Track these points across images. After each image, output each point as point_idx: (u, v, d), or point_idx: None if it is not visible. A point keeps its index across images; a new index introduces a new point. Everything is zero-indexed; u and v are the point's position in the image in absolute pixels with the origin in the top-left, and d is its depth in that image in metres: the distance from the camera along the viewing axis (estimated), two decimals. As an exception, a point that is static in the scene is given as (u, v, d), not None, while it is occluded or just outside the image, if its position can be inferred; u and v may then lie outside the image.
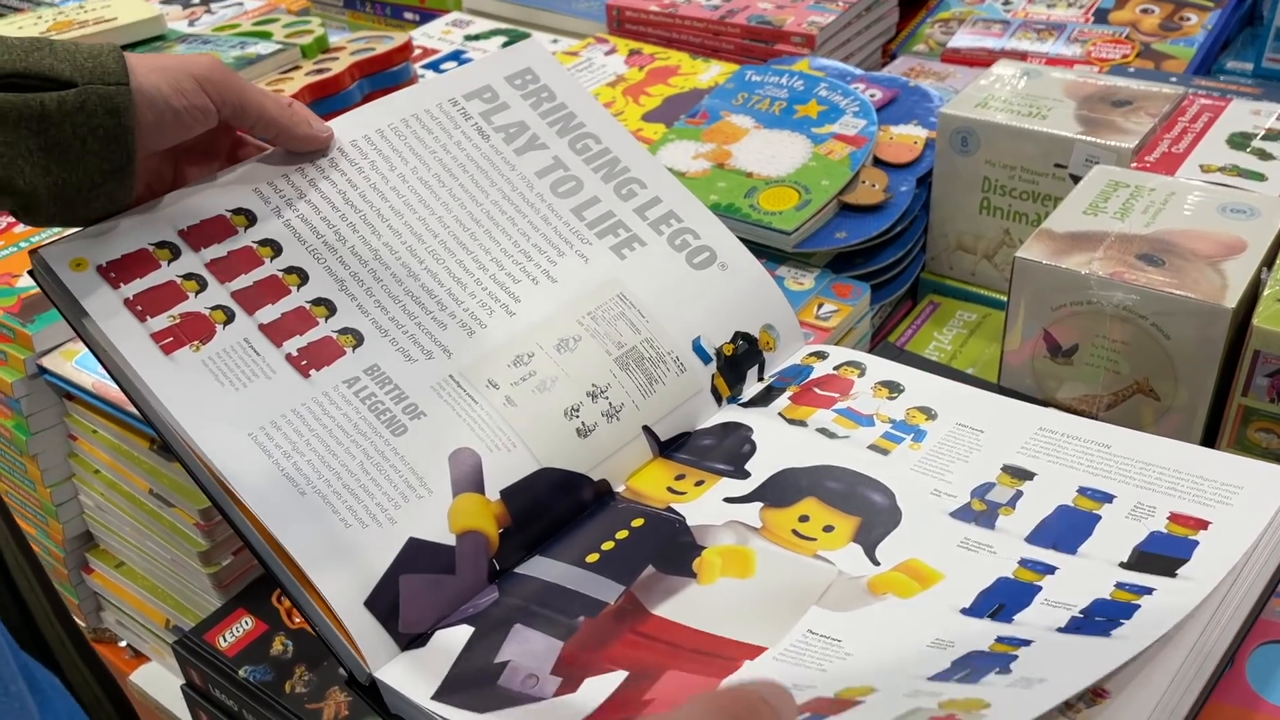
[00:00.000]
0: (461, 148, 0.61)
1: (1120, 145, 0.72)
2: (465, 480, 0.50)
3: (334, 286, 0.54)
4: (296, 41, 0.96)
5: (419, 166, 0.60)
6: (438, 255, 0.57)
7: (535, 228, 0.60)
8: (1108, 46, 0.99)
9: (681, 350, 0.58)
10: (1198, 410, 0.61)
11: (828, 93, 0.89)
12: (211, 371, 0.49)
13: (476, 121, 0.62)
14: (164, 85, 0.51)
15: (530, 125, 0.64)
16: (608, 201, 0.63)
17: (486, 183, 0.60)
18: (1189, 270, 0.61)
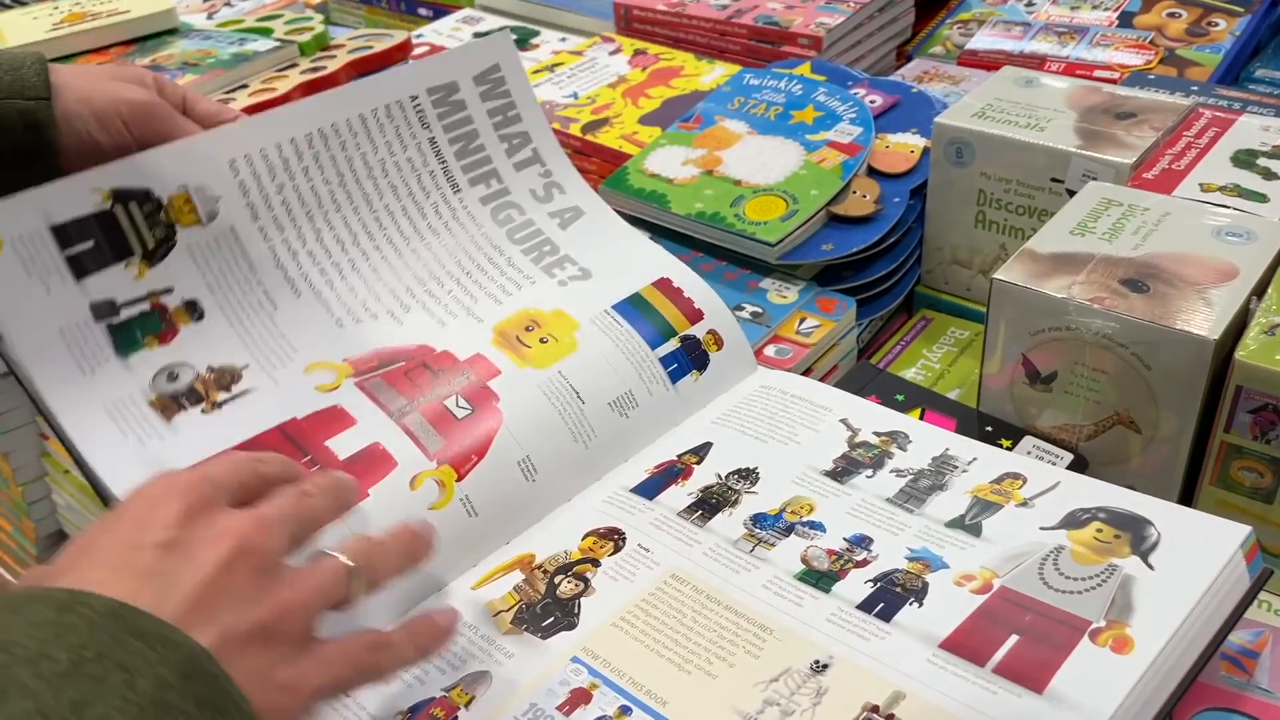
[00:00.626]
0: (412, 165, 0.60)
1: (1118, 160, 0.69)
2: None
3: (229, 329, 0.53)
4: (295, 39, 0.95)
5: (364, 181, 0.59)
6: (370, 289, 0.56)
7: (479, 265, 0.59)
8: (1129, 52, 0.95)
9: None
10: (1181, 444, 0.58)
11: (825, 98, 0.86)
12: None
13: (433, 132, 0.61)
14: (90, 118, 0.51)
15: (484, 139, 0.62)
16: (550, 234, 0.62)
17: (429, 208, 0.59)
18: (1174, 298, 0.57)
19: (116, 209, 0.53)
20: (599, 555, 0.50)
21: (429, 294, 0.57)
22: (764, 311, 0.72)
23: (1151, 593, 0.43)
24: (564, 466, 0.53)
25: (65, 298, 0.51)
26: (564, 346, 0.56)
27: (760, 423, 0.57)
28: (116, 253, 0.52)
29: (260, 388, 0.51)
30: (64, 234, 0.51)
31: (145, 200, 0.54)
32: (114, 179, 0.53)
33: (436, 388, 0.53)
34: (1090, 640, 0.41)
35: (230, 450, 0.48)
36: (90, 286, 0.51)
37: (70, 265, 0.51)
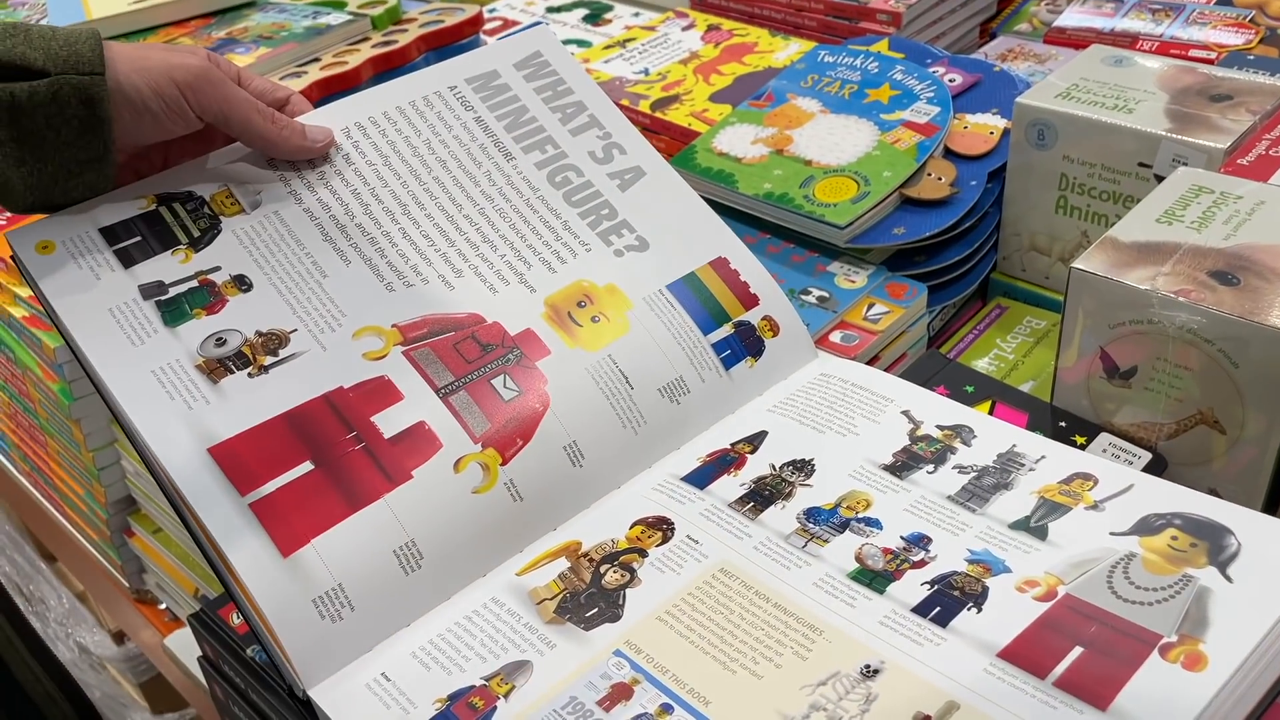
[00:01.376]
0: (460, 141, 0.59)
1: (1211, 145, 0.65)
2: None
3: (278, 296, 0.53)
4: (368, 12, 0.95)
5: (409, 159, 0.58)
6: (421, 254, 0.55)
7: (534, 229, 0.58)
8: (1228, 31, 0.90)
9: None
10: (1269, 447, 0.55)
11: (903, 76, 0.83)
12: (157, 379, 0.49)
13: (478, 112, 0.60)
14: (144, 86, 0.50)
15: (534, 112, 0.61)
16: (610, 196, 0.60)
17: (482, 176, 0.58)
18: (1266, 292, 0.54)
19: (161, 209, 0.54)
20: (646, 545, 0.48)
21: (482, 259, 0.56)
22: (831, 296, 0.70)
23: (1229, 607, 0.40)
24: (612, 452, 0.52)
25: (114, 282, 0.52)
26: (615, 327, 0.55)
27: (818, 412, 0.56)
28: (163, 244, 0.53)
29: (309, 352, 0.51)
30: (112, 233, 0.53)
31: (188, 200, 0.55)
32: (156, 187, 0.55)
33: (485, 364, 0.52)
34: (1160, 656, 0.39)
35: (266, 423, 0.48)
36: (139, 273, 0.52)
37: (119, 257, 0.53)
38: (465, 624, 0.46)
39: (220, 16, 1.02)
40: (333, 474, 0.47)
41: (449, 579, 0.47)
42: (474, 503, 0.48)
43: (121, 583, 0.81)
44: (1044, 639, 0.41)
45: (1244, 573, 0.42)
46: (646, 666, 0.43)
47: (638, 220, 0.60)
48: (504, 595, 0.47)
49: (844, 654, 0.42)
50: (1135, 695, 0.38)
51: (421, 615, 0.46)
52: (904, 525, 0.48)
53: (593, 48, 1.01)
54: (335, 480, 0.47)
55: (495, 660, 0.44)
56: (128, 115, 0.50)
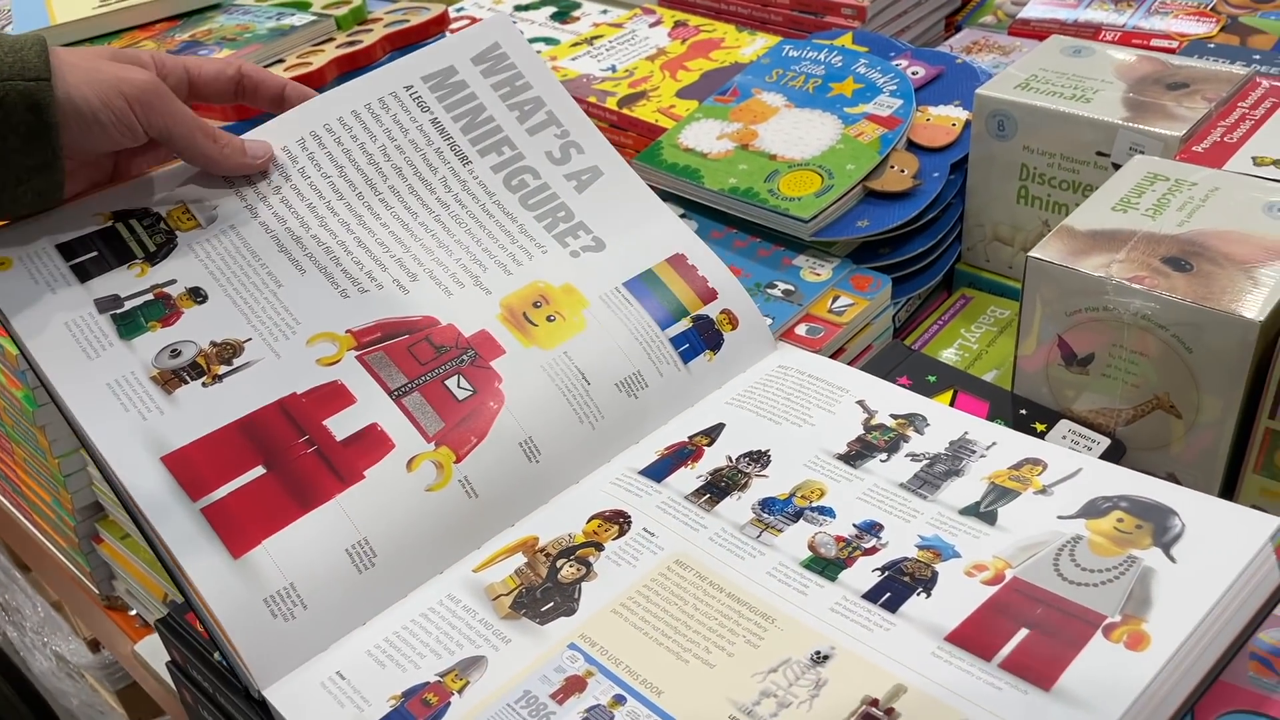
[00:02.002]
0: (416, 145, 0.59)
1: (1167, 133, 0.65)
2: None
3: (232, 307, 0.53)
4: (333, 13, 0.95)
5: (364, 167, 0.58)
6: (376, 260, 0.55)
7: (490, 233, 0.58)
8: (1189, 20, 0.91)
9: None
10: (1224, 431, 0.55)
11: (866, 70, 0.84)
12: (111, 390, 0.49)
13: (434, 113, 0.60)
14: (93, 97, 0.50)
15: (491, 110, 0.61)
16: (566, 199, 0.60)
17: (438, 182, 0.58)
18: (1218, 277, 0.54)
19: (118, 225, 0.54)
20: (603, 539, 0.49)
21: (437, 262, 0.56)
22: (796, 289, 0.70)
23: (1172, 587, 0.41)
24: (570, 448, 0.52)
25: (70, 297, 0.52)
26: (571, 325, 0.55)
27: (775, 404, 0.56)
28: (119, 259, 0.54)
29: (263, 360, 0.51)
30: (69, 249, 0.53)
31: (145, 216, 0.55)
32: (113, 203, 0.55)
33: (438, 366, 0.52)
34: (1104, 636, 0.39)
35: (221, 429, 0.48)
36: (95, 287, 0.53)
37: (75, 271, 0.53)
38: (421, 621, 0.46)
39: (185, 19, 1.02)
40: (284, 477, 0.47)
41: (404, 577, 0.47)
42: (428, 500, 0.48)
43: (92, 590, 0.81)
44: (991, 622, 0.41)
45: (1187, 553, 0.42)
46: (600, 659, 0.43)
47: (594, 221, 0.60)
48: (460, 592, 0.47)
49: (795, 641, 0.42)
50: (1079, 675, 0.38)
51: (377, 613, 0.46)
52: (856, 513, 0.48)
53: (560, 45, 1.01)
54: (286, 483, 0.47)
55: (450, 656, 0.44)
56: (76, 125, 0.50)
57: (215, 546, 0.45)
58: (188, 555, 0.44)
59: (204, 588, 0.44)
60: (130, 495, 0.46)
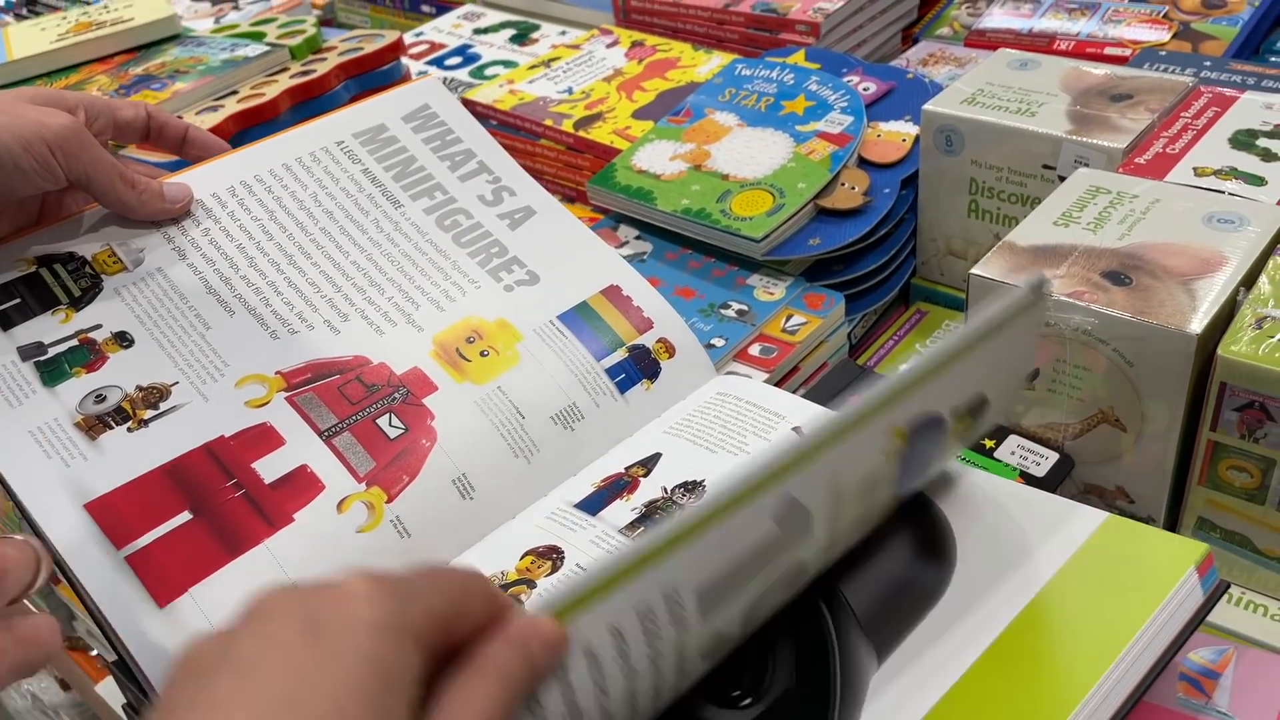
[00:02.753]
0: (347, 191, 0.59)
1: (1110, 145, 0.65)
2: None
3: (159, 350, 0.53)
4: (286, 43, 0.95)
5: (295, 212, 0.58)
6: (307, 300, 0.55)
7: (422, 270, 0.57)
8: (1143, 27, 0.91)
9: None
10: (1169, 443, 0.55)
11: (817, 87, 0.83)
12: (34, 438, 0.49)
13: (365, 164, 0.60)
14: (13, 142, 0.50)
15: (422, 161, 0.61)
16: (500, 235, 0.60)
17: (370, 224, 0.58)
18: (1157, 290, 0.54)
19: (41, 270, 0.54)
20: (535, 576, 0.48)
21: (369, 301, 0.56)
22: (750, 309, 0.70)
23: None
24: (505, 483, 0.52)
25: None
26: (505, 360, 0.55)
27: (712, 432, 0.56)
28: (43, 305, 0.53)
29: (190, 403, 0.50)
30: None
31: (70, 260, 0.55)
32: (37, 248, 0.55)
33: (369, 405, 0.52)
34: None
35: None
36: (18, 334, 0.52)
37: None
38: None
39: (142, 52, 1.02)
40: (211, 522, 0.47)
41: None
42: (359, 541, 0.48)
43: (53, 630, 0.80)
44: None
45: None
46: None
47: (528, 256, 0.60)
48: None
49: None
50: None
51: None
52: None
53: (518, 68, 1.01)
54: (213, 528, 0.47)
55: None
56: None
57: (140, 595, 0.44)
58: (111, 605, 0.44)
59: (128, 638, 0.44)
60: (51, 544, 0.45)
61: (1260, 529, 0.53)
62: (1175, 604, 0.39)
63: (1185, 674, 0.42)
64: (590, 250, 0.62)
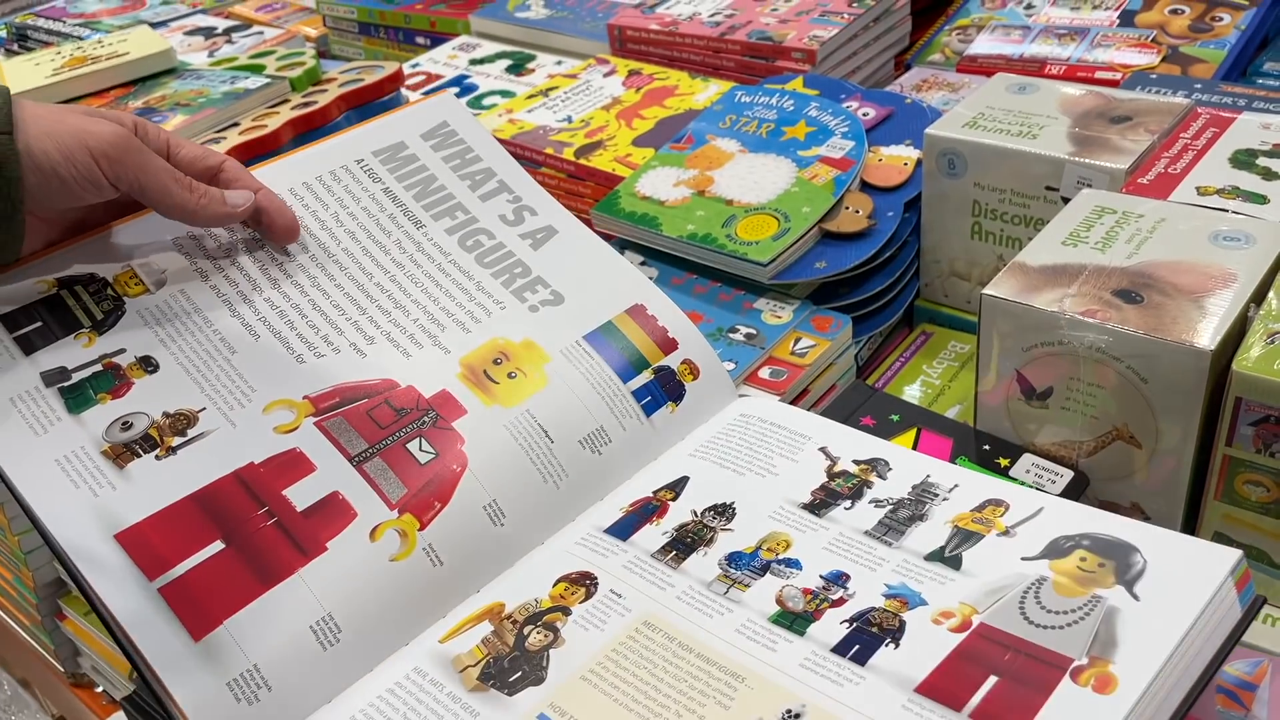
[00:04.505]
0: (368, 212, 0.59)
1: (1113, 166, 0.66)
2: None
3: (185, 376, 0.52)
4: (287, 75, 0.95)
5: (317, 233, 0.58)
6: (332, 323, 0.55)
7: (447, 292, 0.58)
8: (1131, 51, 0.93)
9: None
10: (1184, 458, 0.56)
11: (817, 113, 0.85)
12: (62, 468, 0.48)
13: (385, 183, 0.60)
14: (54, 151, 0.49)
15: (442, 180, 0.62)
16: (522, 255, 0.60)
17: (392, 245, 0.58)
18: (1169, 308, 0.55)
19: (63, 293, 0.53)
20: (570, 603, 0.48)
21: (394, 324, 0.56)
22: (758, 333, 0.70)
23: (1136, 625, 0.41)
24: (534, 509, 0.52)
25: (15, 371, 0.51)
26: (533, 382, 0.55)
27: (738, 454, 0.56)
28: (65, 329, 0.53)
29: (218, 430, 0.50)
30: (11, 320, 0.52)
31: (90, 282, 0.54)
32: (58, 269, 0.54)
33: (399, 429, 0.52)
34: (1072, 679, 0.39)
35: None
36: (41, 359, 0.51)
37: (19, 344, 0.52)
38: (387, 697, 0.45)
39: (139, 85, 1.02)
40: (244, 552, 0.47)
41: (370, 651, 0.47)
42: (392, 571, 0.48)
43: (58, 668, 0.79)
44: (960, 670, 0.41)
45: (1150, 590, 0.42)
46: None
47: (552, 276, 0.60)
48: (427, 665, 0.46)
49: (766, 700, 0.42)
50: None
51: (342, 690, 0.46)
52: (823, 564, 0.48)
53: (516, 97, 1.02)
54: (246, 558, 0.47)
55: None
56: (34, 179, 0.49)
57: (174, 628, 0.44)
58: (147, 640, 0.44)
59: (165, 674, 0.43)
60: (84, 576, 0.45)
61: (1278, 542, 0.53)
62: (1216, 616, 0.40)
63: (1223, 686, 0.43)
64: (613, 269, 0.62)
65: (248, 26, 1.26)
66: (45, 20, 1.29)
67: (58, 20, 1.29)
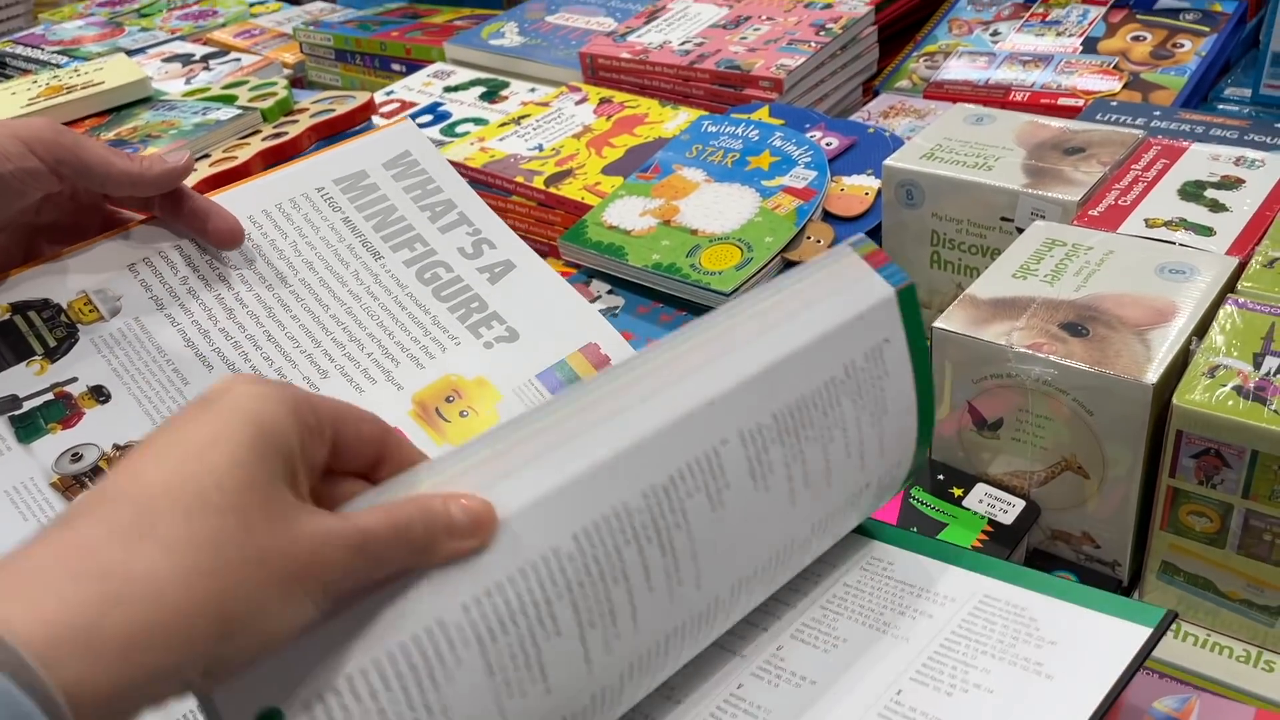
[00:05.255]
0: (327, 242, 0.60)
1: (1064, 198, 0.68)
2: None
3: (137, 407, 0.53)
4: (259, 105, 0.96)
5: (275, 262, 0.58)
6: (286, 356, 0.56)
7: (403, 326, 0.58)
8: (1094, 78, 0.94)
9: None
10: (1132, 489, 0.57)
11: (782, 142, 0.86)
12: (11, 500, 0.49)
13: (345, 213, 0.61)
14: None
15: (402, 211, 0.62)
16: (480, 290, 0.61)
17: (350, 276, 0.59)
18: (1113, 340, 0.56)
19: (16, 318, 0.53)
20: None
21: (349, 358, 0.56)
22: (721, 362, 0.71)
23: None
24: None
25: None
26: (484, 420, 0.56)
27: None
28: (18, 355, 0.53)
29: None
30: None
31: (44, 308, 0.54)
32: (10, 294, 0.54)
33: None
34: None
35: None
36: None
37: None
38: None
39: (113, 115, 1.03)
40: None
41: None
42: None
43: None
44: None
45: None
46: None
47: (508, 311, 0.61)
48: None
49: None
50: None
51: None
52: None
53: (489, 125, 1.03)
54: None
55: None
56: None
57: None
58: None
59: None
60: None
61: (1222, 572, 0.54)
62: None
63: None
64: (569, 306, 0.63)
65: (225, 53, 1.27)
66: (23, 48, 1.30)
67: (36, 48, 1.30)
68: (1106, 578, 0.60)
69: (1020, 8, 1.06)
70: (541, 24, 1.20)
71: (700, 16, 1.09)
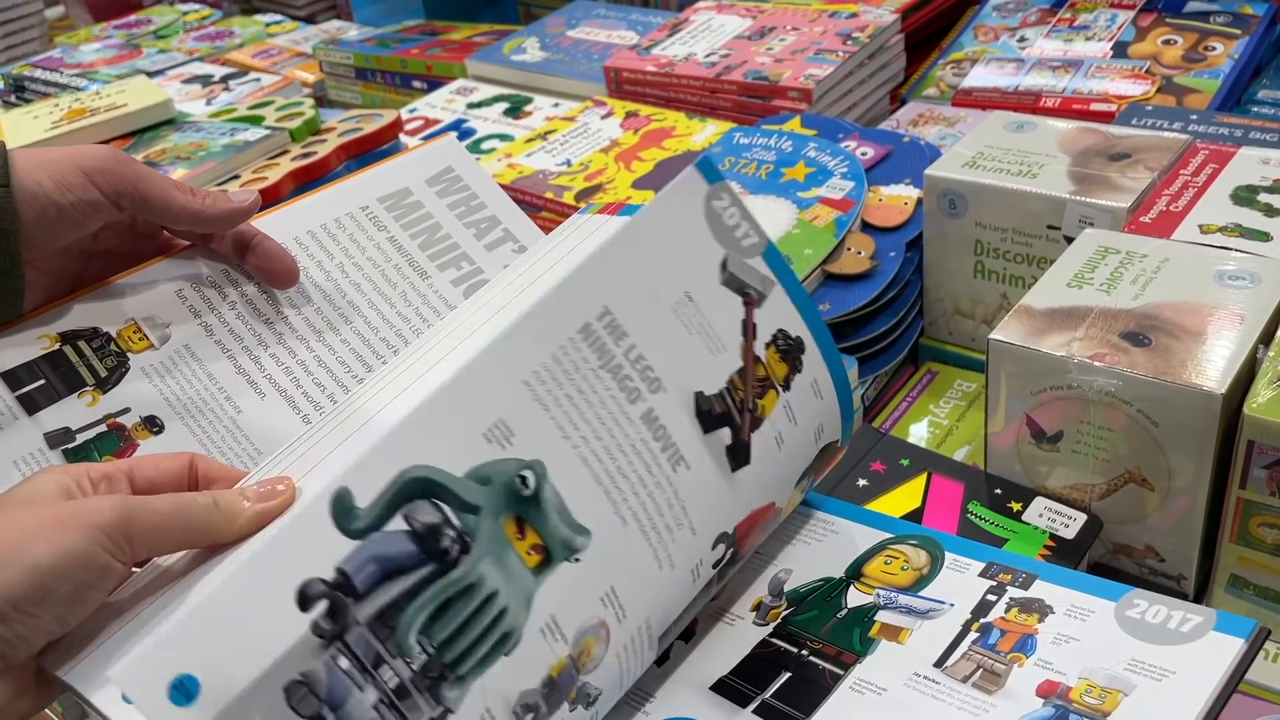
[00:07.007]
0: (374, 262, 0.59)
1: (1114, 205, 0.67)
2: None
3: (190, 438, 0.52)
4: (286, 125, 0.95)
5: (323, 284, 0.58)
6: (338, 380, 0.55)
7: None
8: (1126, 82, 0.93)
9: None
10: (1198, 500, 0.56)
11: (816, 153, 0.85)
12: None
13: (391, 232, 0.60)
14: (46, 180, 0.48)
15: (448, 229, 0.62)
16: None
17: (398, 297, 0.58)
18: (1176, 350, 0.55)
19: (65, 348, 0.52)
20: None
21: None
22: (764, 377, 0.70)
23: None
24: None
25: (18, 432, 0.50)
26: None
27: None
28: (69, 386, 0.52)
29: None
30: (13, 378, 0.51)
31: (94, 337, 0.53)
32: (60, 324, 0.53)
33: None
34: None
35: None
36: (44, 419, 0.51)
37: (21, 403, 0.51)
38: None
39: (138, 137, 1.02)
40: None
41: None
42: None
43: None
44: None
45: None
46: None
47: None
48: None
49: None
50: None
51: None
52: None
53: (515, 141, 1.02)
54: None
55: None
56: (31, 212, 0.48)
57: None
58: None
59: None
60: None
61: (1294, 583, 0.54)
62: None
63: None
64: None
65: (245, 73, 1.26)
66: (43, 71, 1.29)
67: (55, 71, 1.30)
68: (1172, 591, 0.59)
69: (1046, 13, 1.06)
70: (563, 38, 1.19)
71: (724, 28, 1.08)
